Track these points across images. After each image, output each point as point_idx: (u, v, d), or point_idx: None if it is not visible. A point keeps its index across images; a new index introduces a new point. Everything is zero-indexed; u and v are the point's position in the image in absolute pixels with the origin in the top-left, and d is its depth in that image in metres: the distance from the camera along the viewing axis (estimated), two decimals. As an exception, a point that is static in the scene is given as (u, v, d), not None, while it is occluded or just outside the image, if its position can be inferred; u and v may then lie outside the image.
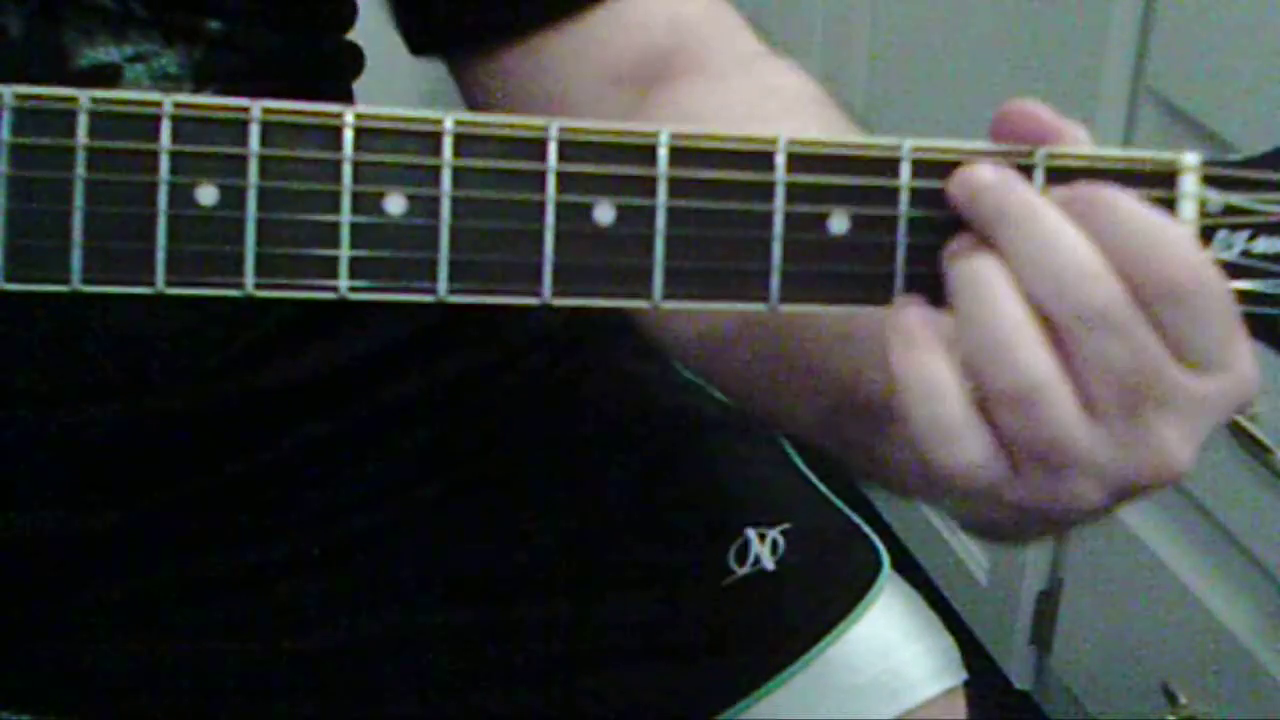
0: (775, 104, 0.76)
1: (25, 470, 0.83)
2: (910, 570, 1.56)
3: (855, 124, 0.73)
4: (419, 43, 0.82)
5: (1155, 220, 0.57)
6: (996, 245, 0.57)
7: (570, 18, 0.78)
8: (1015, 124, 0.59)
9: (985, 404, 0.57)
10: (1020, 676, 1.86)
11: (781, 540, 0.91)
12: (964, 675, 0.96)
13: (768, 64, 0.78)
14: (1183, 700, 1.59)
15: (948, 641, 0.96)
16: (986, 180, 0.58)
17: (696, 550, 0.92)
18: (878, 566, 0.94)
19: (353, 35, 0.88)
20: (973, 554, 1.90)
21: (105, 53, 0.74)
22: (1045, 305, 0.57)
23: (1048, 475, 0.58)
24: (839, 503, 0.95)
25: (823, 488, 0.96)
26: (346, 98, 0.88)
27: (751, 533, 0.91)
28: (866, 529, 0.95)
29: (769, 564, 0.91)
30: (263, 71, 0.79)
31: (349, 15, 0.86)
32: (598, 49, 0.78)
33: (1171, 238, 0.57)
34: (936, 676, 0.94)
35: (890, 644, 0.93)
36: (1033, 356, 0.56)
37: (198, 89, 0.76)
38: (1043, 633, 1.82)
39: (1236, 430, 1.44)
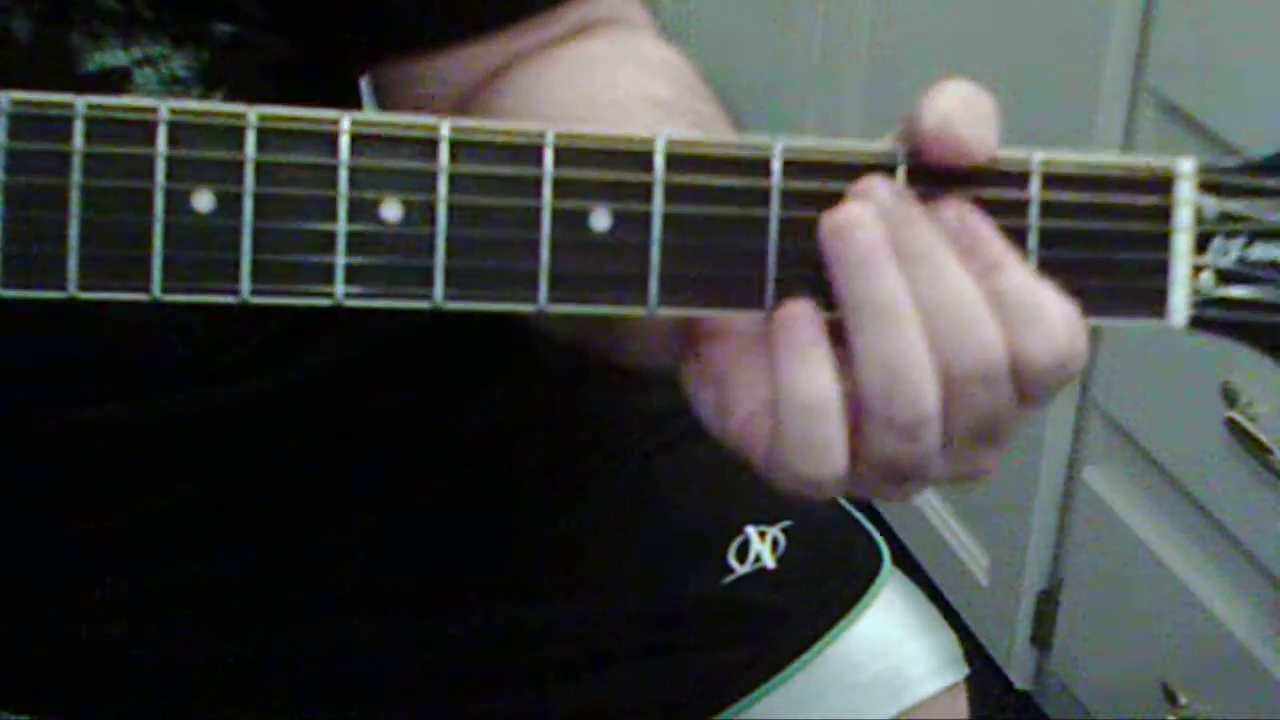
0: (634, 61, 0.76)
1: (26, 470, 0.83)
2: (910, 570, 1.56)
3: (721, 107, 0.73)
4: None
5: (1046, 295, 0.58)
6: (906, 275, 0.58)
7: (491, 33, 0.78)
8: (943, 144, 0.58)
9: (863, 424, 0.58)
10: (1020, 676, 1.86)
11: (782, 538, 0.91)
12: (965, 671, 0.95)
13: (649, 38, 0.79)
14: (1183, 700, 1.59)
15: (949, 637, 0.96)
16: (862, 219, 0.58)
17: (697, 548, 0.91)
18: (878, 563, 0.94)
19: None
20: (973, 554, 1.89)
21: (113, 56, 0.74)
22: (945, 353, 0.58)
23: (886, 481, 0.60)
24: (839, 499, 0.95)
25: None
26: (355, 94, 0.88)
27: (752, 530, 0.91)
28: (867, 524, 0.95)
29: (769, 562, 0.91)
30: (272, 73, 0.78)
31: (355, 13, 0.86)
32: (505, 50, 0.78)
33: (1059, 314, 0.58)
34: (938, 673, 0.94)
35: (891, 641, 0.93)
36: (931, 392, 0.58)
37: (207, 92, 0.76)
38: (1043, 633, 1.82)
39: (1236, 430, 1.44)
